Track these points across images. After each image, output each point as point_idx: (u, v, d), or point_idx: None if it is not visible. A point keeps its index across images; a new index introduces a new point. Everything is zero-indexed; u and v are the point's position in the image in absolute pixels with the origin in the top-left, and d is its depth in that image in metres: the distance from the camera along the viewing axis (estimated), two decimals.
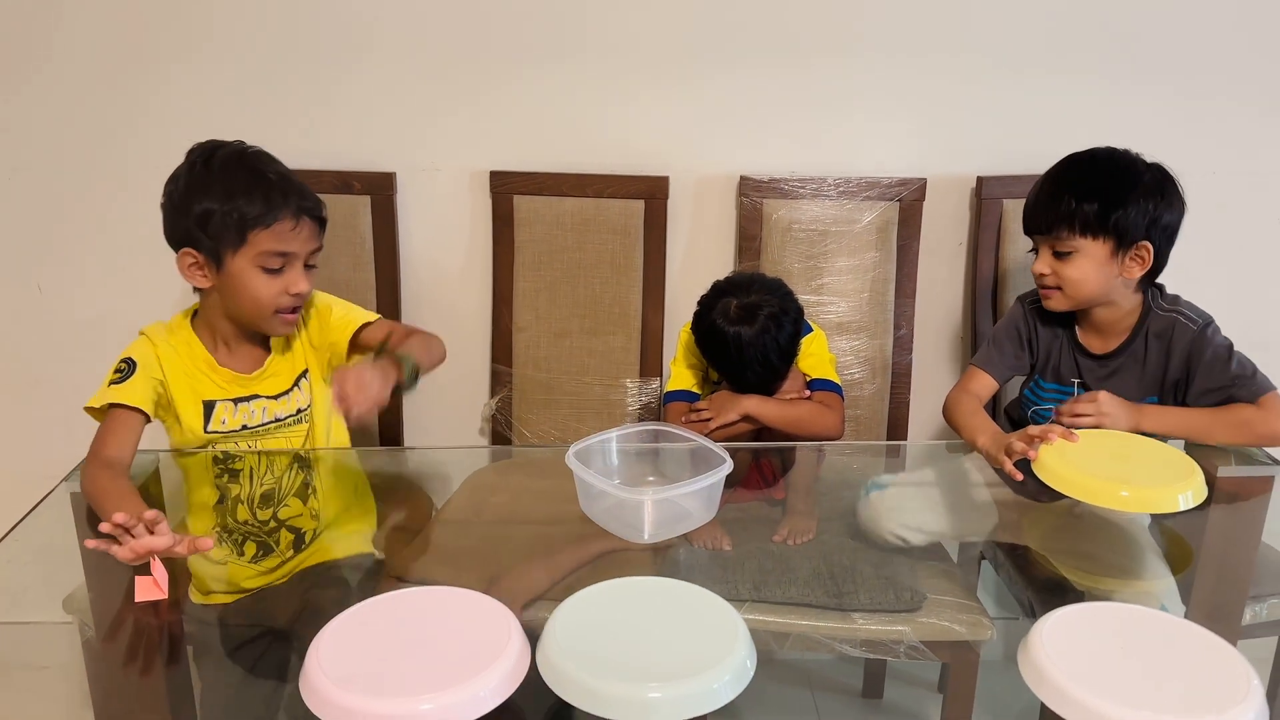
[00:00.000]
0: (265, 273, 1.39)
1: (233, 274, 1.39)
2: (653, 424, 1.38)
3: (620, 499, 1.21)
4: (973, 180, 2.01)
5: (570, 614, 0.97)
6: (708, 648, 0.93)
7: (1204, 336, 1.53)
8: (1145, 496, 1.30)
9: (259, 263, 1.38)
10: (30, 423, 2.10)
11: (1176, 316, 1.57)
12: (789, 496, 1.65)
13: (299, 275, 1.40)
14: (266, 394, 1.50)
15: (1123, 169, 1.55)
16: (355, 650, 0.90)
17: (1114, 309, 1.60)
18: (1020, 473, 1.39)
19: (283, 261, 1.39)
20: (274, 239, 1.37)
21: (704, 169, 2.00)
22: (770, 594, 1.35)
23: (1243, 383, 1.50)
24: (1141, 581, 1.35)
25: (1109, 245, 1.53)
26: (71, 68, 1.91)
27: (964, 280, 2.09)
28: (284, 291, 1.40)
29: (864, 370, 2.01)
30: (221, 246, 1.38)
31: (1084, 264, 1.55)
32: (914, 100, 1.98)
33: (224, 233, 1.37)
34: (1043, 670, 0.91)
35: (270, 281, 1.39)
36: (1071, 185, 1.55)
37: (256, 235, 1.36)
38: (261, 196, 1.36)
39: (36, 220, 2.00)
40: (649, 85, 1.95)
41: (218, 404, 1.47)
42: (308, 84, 1.93)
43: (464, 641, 0.92)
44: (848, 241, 1.98)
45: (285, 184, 1.40)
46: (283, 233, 1.37)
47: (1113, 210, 1.52)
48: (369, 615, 0.94)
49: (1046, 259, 1.58)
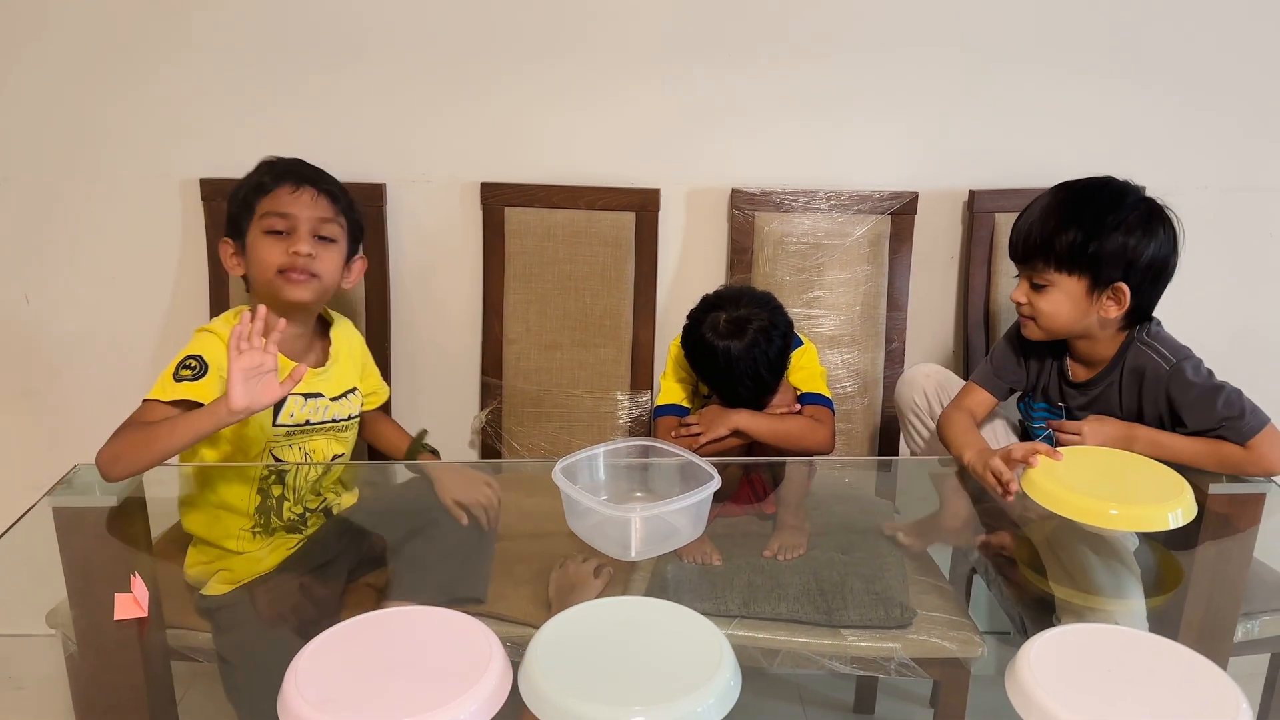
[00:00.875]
0: (270, 235, 1.47)
1: (250, 245, 1.49)
2: (641, 439, 1.37)
3: (607, 516, 1.20)
4: (965, 194, 2.01)
5: (553, 635, 0.96)
6: (693, 670, 0.91)
7: (1181, 376, 1.49)
8: (1135, 515, 1.30)
9: (265, 226, 1.48)
10: (18, 434, 2.09)
11: (1150, 354, 1.53)
12: (779, 511, 1.65)
13: (301, 236, 1.47)
14: (328, 394, 1.56)
15: (1107, 205, 1.49)
16: (334, 671, 0.88)
17: (1092, 342, 1.57)
18: (1005, 492, 1.39)
19: (285, 225, 1.47)
20: (274, 202, 1.48)
21: (696, 181, 1.99)
22: (760, 610, 1.35)
23: (1230, 424, 1.46)
24: (1131, 600, 1.34)
25: (1084, 282, 1.50)
26: (58, 77, 1.90)
27: (956, 294, 2.08)
28: (285, 252, 1.46)
29: (855, 384, 2.00)
30: (243, 222, 1.50)
31: (1057, 298, 1.52)
32: (906, 113, 1.97)
33: (243, 208, 1.50)
34: (1030, 695, 0.90)
35: (275, 243, 1.47)
36: (1052, 217, 1.51)
37: (261, 202, 1.48)
38: (270, 172, 1.51)
39: (24, 230, 1.98)
40: (641, 97, 1.95)
41: (289, 396, 1.46)
42: (297, 94, 1.93)
43: (445, 663, 0.90)
44: (840, 254, 1.97)
45: (297, 164, 1.54)
46: (282, 196, 1.48)
47: (1088, 247, 1.48)
48: (349, 636, 0.93)
49: (1024, 288, 1.57)
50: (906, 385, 1.81)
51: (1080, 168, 1.61)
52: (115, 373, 2.05)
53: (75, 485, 1.42)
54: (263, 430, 1.47)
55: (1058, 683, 0.90)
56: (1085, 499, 1.29)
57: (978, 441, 1.54)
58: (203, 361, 1.39)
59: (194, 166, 1.93)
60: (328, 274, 1.50)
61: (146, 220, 1.97)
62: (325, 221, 1.50)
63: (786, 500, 1.69)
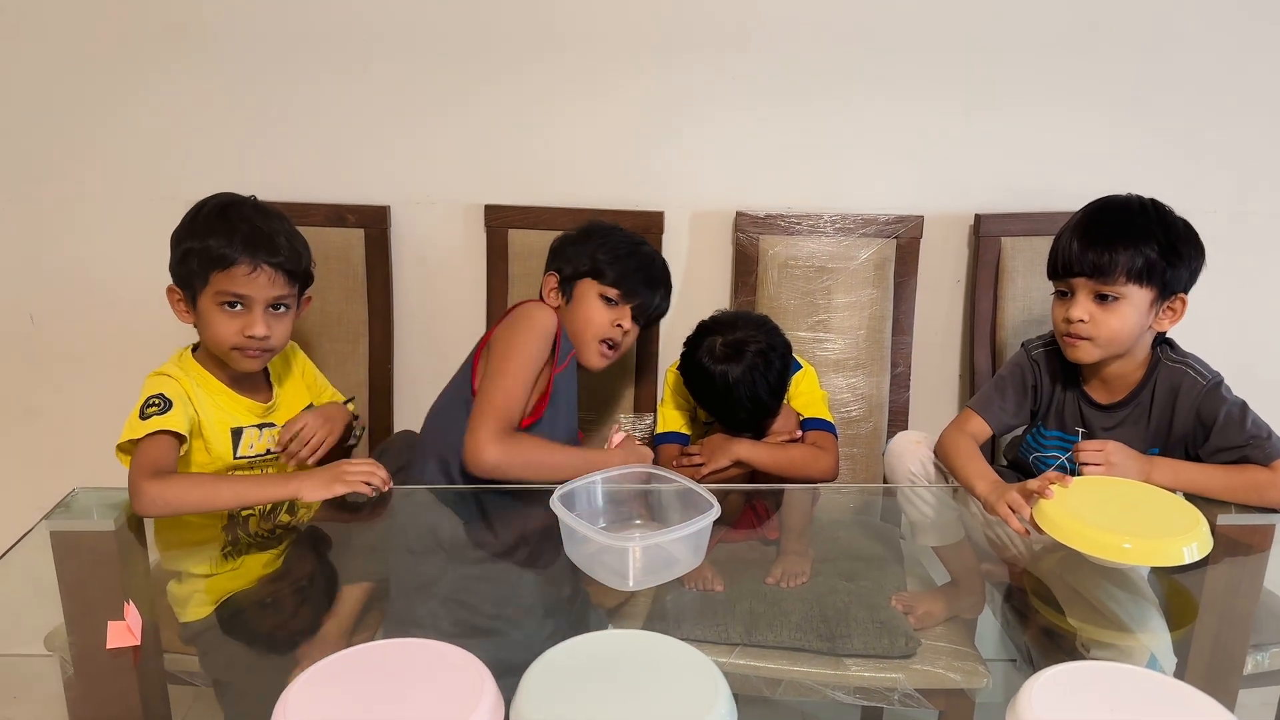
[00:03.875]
0: (224, 310, 1.46)
1: (201, 310, 1.48)
2: (640, 466, 1.36)
3: (604, 545, 1.18)
4: (971, 218, 2.00)
5: (546, 670, 0.94)
6: (687, 708, 0.90)
7: (1215, 394, 1.51)
8: (1149, 549, 1.26)
9: (218, 300, 1.46)
10: (21, 453, 2.09)
11: (1186, 370, 1.54)
12: (783, 538, 1.62)
13: (256, 318, 1.46)
14: (280, 422, 1.58)
15: (1170, 220, 1.52)
16: (324, 705, 0.87)
17: (1128, 361, 1.56)
18: (1023, 526, 1.36)
19: (241, 302, 1.46)
20: (229, 281, 1.45)
21: (700, 204, 1.99)
22: (762, 638, 1.33)
23: (1257, 444, 1.47)
24: (1139, 635, 1.31)
25: (1152, 294, 1.50)
26: (59, 99, 1.92)
27: (962, 318, 2.07)
28: (240, 332, 1.46)
29: (860, 408, 1.99)
30: (194, 284, 1.47)
31: (1127, 311, 1.50)
32: (912, 137, 1.97)
33: (194, 272, 1.46)
34: None
35: (229, 320, 1.47)
36: (1125, 229, 1.49)
37: (216, 276, 1.45)
38: (225, 242, 1.44)
39: (28, 251, 1.99)
40: (645, 120, 1.95)
41: (245, 430, 1.54)
42: (302, 116, 1.93)
43: (435, 699, 0.89)
44: (844, 278, 1.96)
45: (253, 234, 1.46)
46: (238, 276, 1.44)
47: (1168, 259, 1.48)
48: (338, 669, 0.92)
49: (1086, 305, 1.51)
50: (896, 457, 1.71)
51: (1087, 191, 1.60)
52: (118, 393, 2.02)
53: (73, 509, 1.41)
54: (225, 465, 1.53)
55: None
56: (1097, 532, 1.26)
57: (987, 472, 1.50)
58: (164, 399, 1.46)
59: (198, 188, 1.90)
60: (279, 342, 1.53)
61: (149, 241, 1.95)
62: (280, 298, 1.49)
63: (790, 526, 1.67)
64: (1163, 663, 1.25)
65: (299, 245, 1.52)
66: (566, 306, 1.71)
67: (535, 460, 1.52)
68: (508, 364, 1.57)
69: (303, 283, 1.55)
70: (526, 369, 1.57)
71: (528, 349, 1.58)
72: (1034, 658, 1.33)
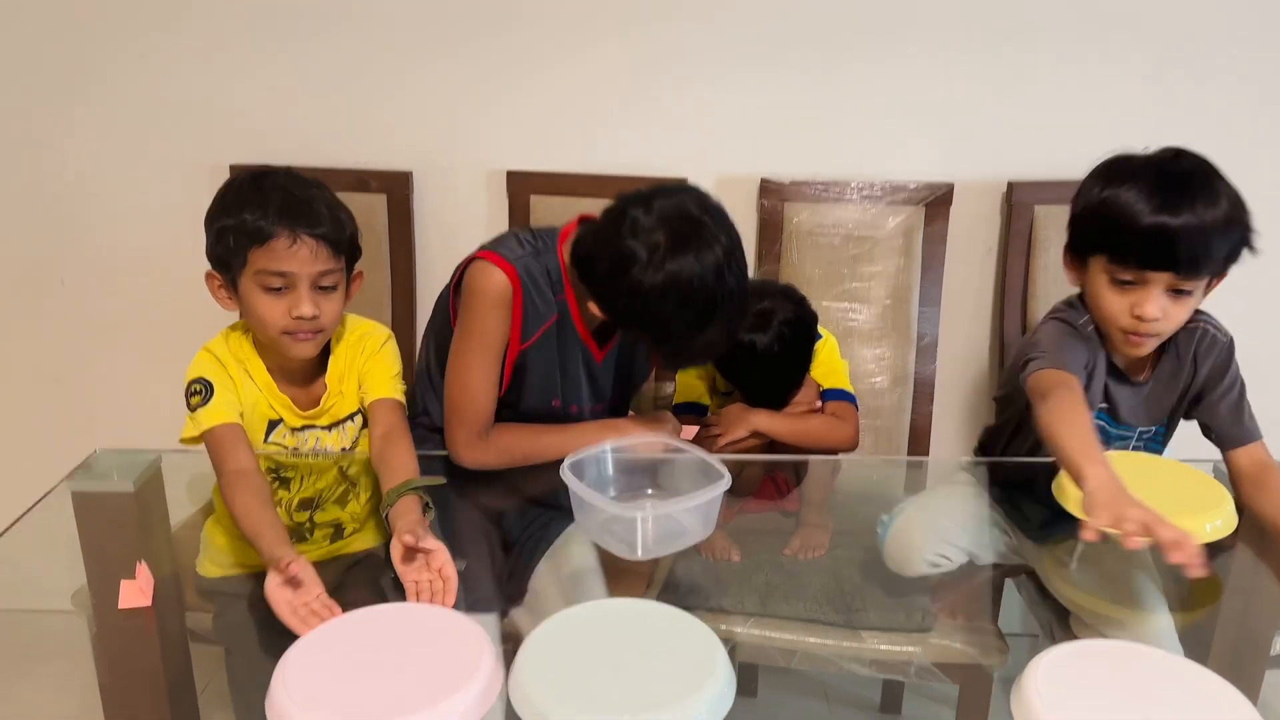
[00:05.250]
0: (267, 293, 1.35)
1: (243, 295, 1.37)
2: (659, 436, 1.35)
3: (614, 515, 1.17)
4: (1003, 185, 1.95)
5: (546, 638, 0.94)
6: (686, 676, 0.89)
7: (1230, 352, 1.44)
8: None
9: (260, 282, 1.34)
10: (51, 416, 2.13)
11: (1205, 326, 1.45)
12: (802, 509, 1.61)
13: (302, 296, 1.34)
14: (321, 425, 1.49)
15: (1236, 193, 1.33)
16: (323, 671, 0.87)
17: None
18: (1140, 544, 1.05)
19: (283, 281, 1.34)
20: (269, 257, 1.32)
21: (724, 171, 1.96)
22: (777, 609, 1.32)
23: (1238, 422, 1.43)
24: (1158, 614, 1.28)
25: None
26: (90, 63, 1.93)
27: (993, 288, 2.03)
28: (287, 313, 1.35)
29: (886, 379, 1.96)
30: (233, 266, 1.36)
31: (1195, 300, 1.35)
32: (942, 102, 1.92)
33: (231, 252, 1.35)
34: (1036, 716, 0.86)
35: (273, 303, 1.35)
36: (1213, 214, 1.29)
37: (255, 254, 1.33)
38: (260, 214, 1.32)
39: (59, 216, 2.02)
40: (669, 85, 1.92)
41: (280, 425, 1.47)
42: (324, 82, 1.93)
43: (435, 663, 0.89)
44: (871, 247, 1.93)
45: (289, 203, 1.34)
46: (278, 251, 1.32)
47: (1240, 247, 1.33)
48: (339, 633, 0.92)
49: (1160, 301, 1.33)
50: (904, 547, 1.38)
51: None
52: (147, 357, 2.08)
53: (94, 470, 1.43)
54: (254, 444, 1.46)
55: (1065, 704, 0.86)
56: None
57: (1103, 461, 1.16)
58: (207, 385, 1.39)
59: (224, 153, 1.94)
60: (331, 323, 1.41)
61: (178, 206, 1.99)
62: (325, 273, 1.36)
63: (810, 498, 1.65)
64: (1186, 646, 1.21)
65: (341, 214, 1.39)
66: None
67: (520, 452, 1.45)
68: (464, 355, 1.45)
69: (349, 257, 1.42)
70: (484, 353, 1.44)
71: (478, 332, 1.43)
72: (1056, 635, 1.31)
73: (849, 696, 1.91)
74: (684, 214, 1.30)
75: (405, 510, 1.20)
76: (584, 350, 1.52)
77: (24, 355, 2.10)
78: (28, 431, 2.13)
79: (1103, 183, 1.37)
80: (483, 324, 1.43)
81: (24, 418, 2.13)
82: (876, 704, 1.88)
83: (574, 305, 1.47)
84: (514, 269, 1.41)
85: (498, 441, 1.46)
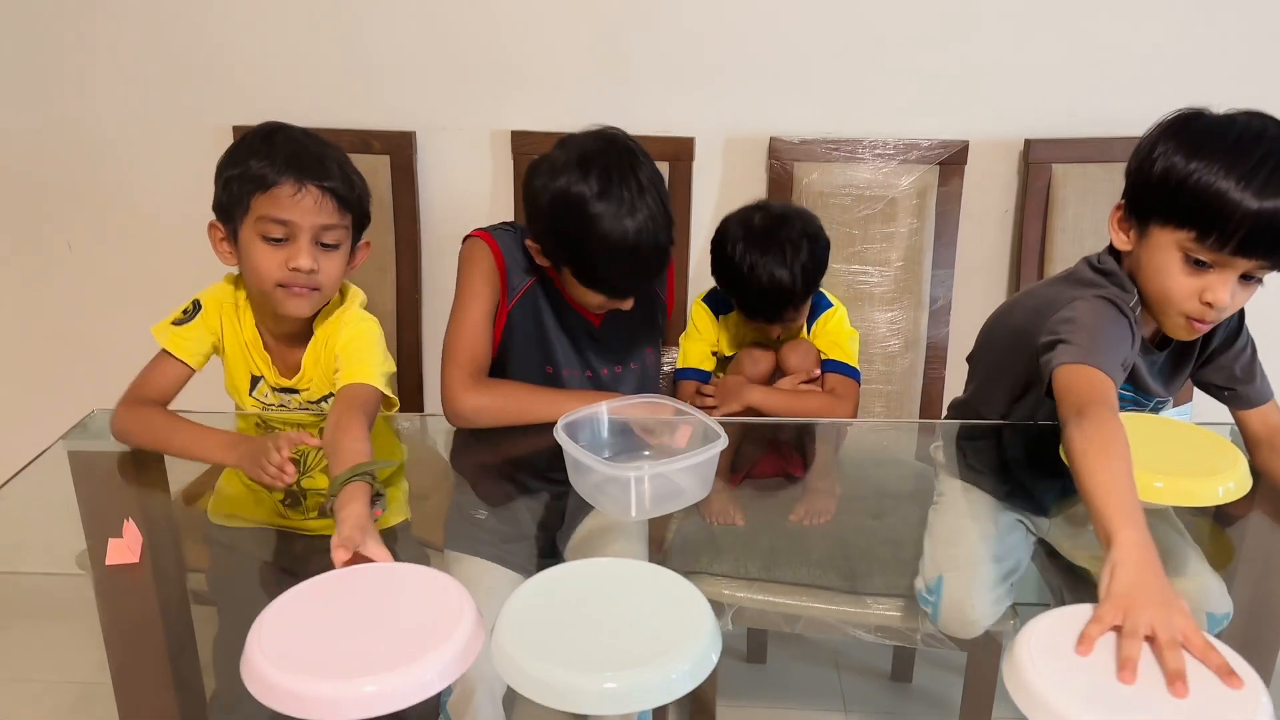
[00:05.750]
0: (266, 242, 1.33)
1: (243, 244, 1.36)
2: (649, 396, 1.32)
3: (608, 475, 1.15)
4: (1020, 143, 1.90)
5: (528, 597, 0.92)
6: (668, 635, 0.87)
7: (1240, 313, 1.37)
8: (1182, 488, 1.19)
9: (260, 230, 1.33)
10: (59, 379, 2.13)
11: None
12: (809, 474, 1.58)
13: (301, 247, 1.33)
14: (303, 390, 1.48)
15: None
16: (299, 630, 0.86)
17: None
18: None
19: (284, 231, 1.32)
20: (272, 204, 1.31)
21: (732, 130, 1.92)
22: (781, 574, 1.32)
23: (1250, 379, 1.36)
24: (1203, 579, 1.24)
25: None
26: (93, 25, 1.91)
27: (1010, 250, 1.98)
28: (284, 264, 1.33)
29: (899, 342, 1.92)
30: (235, 214, 1.35)
31: (1256, 288, 1.24)
32: (956, 56, 1.86)
33: (235, 199, 1.34)
34: (1027, 683, 0.83)
35: (271, 252, 1.33)
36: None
37: (258, 200, 1.32)
38: (267, 163, 1.31)
39: (64, 179, 2.01)
40: (675, 42, 1.88)
41: (263, 381, 1.47)
42: (326, 38, 1.90)
43: (414, 622, 0.87)
44: (884, 208, 1.89)
45: (299, 154, 1.33)
46: (281, 198, 1.31)
47: None
48: (316, 593, 0.90)
49: (1231, 285, 1.20)
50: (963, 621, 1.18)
51: (1147, 117, 1.47)
52: (155, 318, 2.06)
53: (90, 429, 1.43)
54: (241, 398, 1.50)
55: (1056, 671, 0.83)
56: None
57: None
58: (197, 307, 1.43)
59: (226, 114, 1.92)
60: (329, 284, 1.38)
61: (181, 167, 1.97)
62: (328, 228, 1.35)
63: (818, 463, 1.62)
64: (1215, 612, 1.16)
65: (352, 174, 1.38)
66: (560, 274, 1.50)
67: (514, 405, 1.44)
68: (457, 310, 1.50)
69: (356, 218, 1.40)
70: (473, 306, 1.49)
71: (469, 288, 1.50)
72: (1066, 599, 1.28)
73: (859, 664, 1.90)
74: (591, 140, 1.42)
75: (351, 499, 1.06)
76: (578, 317, 1.55)
77: (31, 316, 2.11)
78: (36, 394, 2.14)
79: (1185, 150, 1.20)
80: (470, 282, 1.51)
81: (33, 379, 2.14)
82: (887, 672, 1.87)
83: (554, 273, 1.51)
84: (491, 236, 1.53)
85: (494, 388, 1.46)
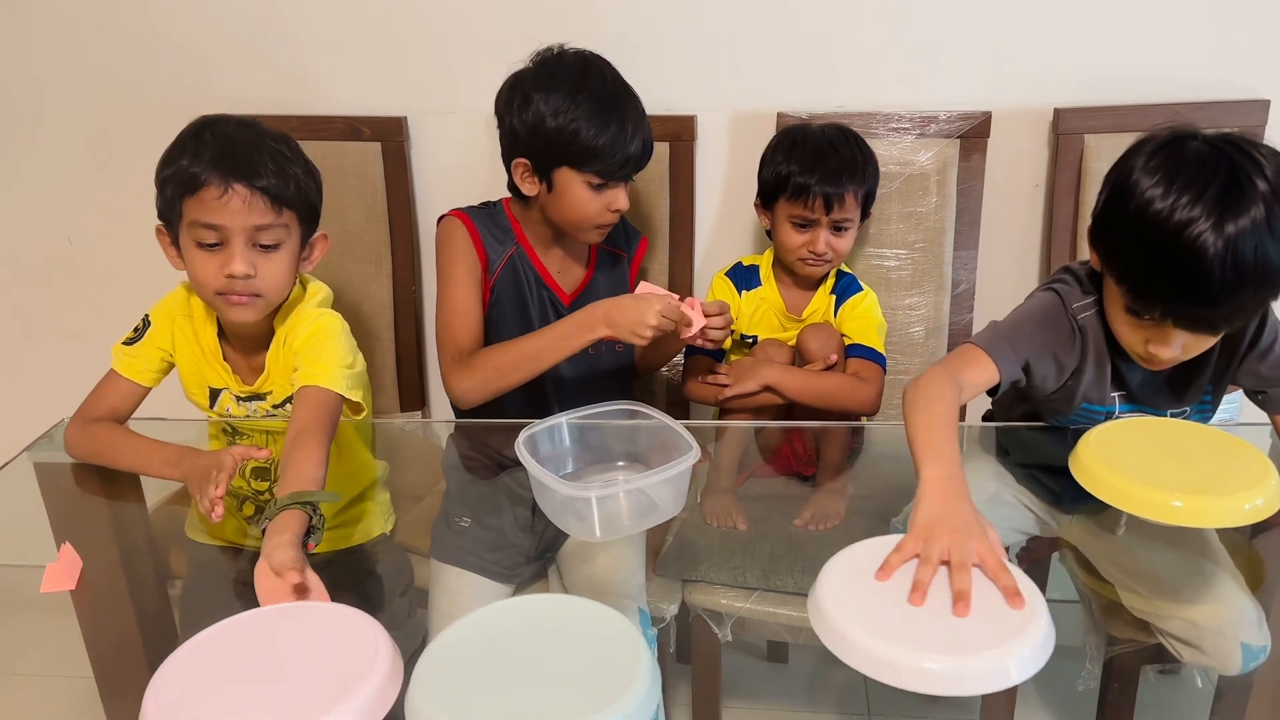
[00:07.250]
0: (201, 248, 1.26)
1: (184, 250, 1.29)
2: (621, 403, 1.23)
3: (566, 495, 1.07)
4: (1049, 113, 1.76)
5: (451, 642, 0.85)
6: (602, 690, 0.79)
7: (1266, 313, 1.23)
8: (1202, 507, 1.06)
9: (193, 236, 1.26)
10: (63, 373, 2.11)
11: None
12: (819, 475, 1.51)
13: (235, 254, 1.24)
14: (269, 393, 1.42)
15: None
16: (199, 684, 0.80)
17: None
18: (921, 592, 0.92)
19: (216, 236, 1.25)
20: (200, 208, 1.24)
21: (737, 106, 1.81)
22: (781, 583, 1.28)
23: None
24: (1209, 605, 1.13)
25: None
26: (90, 17, 1.88)
27: (1040, 228, 1.84)
28: (219, 271, 1.25)
29: (920, 329, 1.81)
30: (172, 219, 1.28)
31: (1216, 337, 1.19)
32: (978, 21, 1.73)
33: (169, 203, 1.27)
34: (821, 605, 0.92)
35: (207, 258, 1.26)
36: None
37: (188, 204, 1.25)
38: (194, 161, 1.24)
39: (64, 173, 1.99)
40: (675, 13, 1.77)
41: (223, 393, 1.41)
42: (312, 22, 1.83)
43: (323, 671, 0.81)
44: (901, 185, 1.76)
45: (226, 151, 1.25)
46: (208, 201, 1.23)
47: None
48: (220, 641, 0.84)
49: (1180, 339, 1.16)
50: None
51: (1186, 82, 1.34)
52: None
53: (56, 440, 1.40)
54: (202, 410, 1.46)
55: (851, 590, 0.92)
56: (1142, 488, 1.08)
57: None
58: (146, 324, 1.41)
59: (210, 104, 1.84)
60: (272, 288, 1.30)
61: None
62: (263, 229, 1.26)
63: (827, 464, 1.54)
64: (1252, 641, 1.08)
65: (291, 168, 1.28)
66: (548, 194, 1.50)
67: (502, 364, 1.45)
68: (440, 295, 1.54)
69: (301, 213, 1.31)
70: (455, 287, 1.53)
71: (448, 270, 1.54)
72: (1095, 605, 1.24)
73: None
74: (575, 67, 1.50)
75: (283, 528, 0.99)
76: (548, 292, 1.59)
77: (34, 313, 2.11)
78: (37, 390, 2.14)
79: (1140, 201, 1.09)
80: (451, 262, 1.54)
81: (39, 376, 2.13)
82: None
83: (528, 247, 1.58)
84: (465, 214, 1.57)
85: (479, 359, 1.48)
